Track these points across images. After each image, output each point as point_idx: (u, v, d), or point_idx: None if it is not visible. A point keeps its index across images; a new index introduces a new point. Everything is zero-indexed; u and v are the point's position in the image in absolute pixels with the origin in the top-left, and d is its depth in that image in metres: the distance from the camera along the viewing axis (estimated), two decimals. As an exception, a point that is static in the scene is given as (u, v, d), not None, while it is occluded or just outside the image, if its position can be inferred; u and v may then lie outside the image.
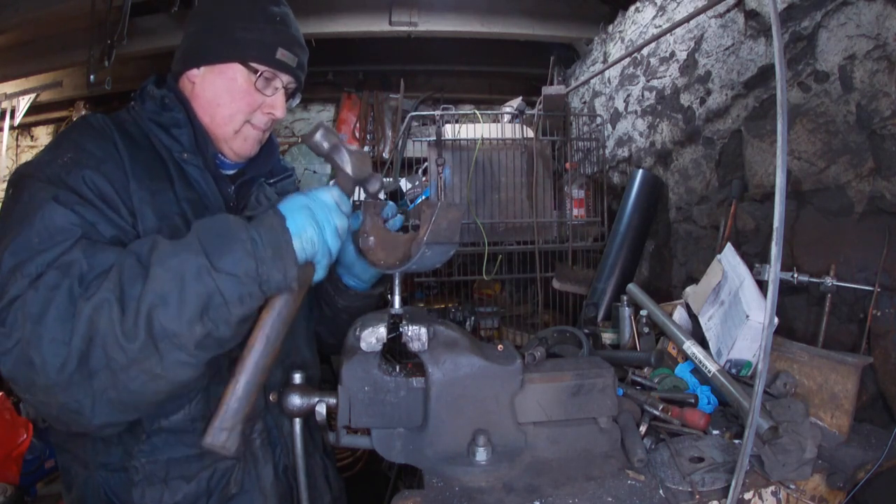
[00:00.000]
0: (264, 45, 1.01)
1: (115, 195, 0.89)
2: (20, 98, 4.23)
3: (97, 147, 0.92)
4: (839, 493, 1.11)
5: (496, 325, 3.13)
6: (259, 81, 1.02)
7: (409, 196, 3.18)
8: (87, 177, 0.87)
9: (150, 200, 0.93)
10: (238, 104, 1.03)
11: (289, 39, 1.04)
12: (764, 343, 1.03)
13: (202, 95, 1.03)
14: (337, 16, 3.28)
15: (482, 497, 0.99)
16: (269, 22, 1.02)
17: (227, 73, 1.01)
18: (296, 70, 1.06)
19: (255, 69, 1.01)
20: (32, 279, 0.75)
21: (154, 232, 0.90)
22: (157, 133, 1.01)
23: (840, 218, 1.50)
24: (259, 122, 1.06)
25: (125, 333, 0.73)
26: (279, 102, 1.05)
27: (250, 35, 1.00)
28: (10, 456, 2.81)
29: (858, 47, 1.42)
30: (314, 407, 1.02)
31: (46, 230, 0.80)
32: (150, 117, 1.01)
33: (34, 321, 0.73)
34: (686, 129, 2.29)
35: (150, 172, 0.96)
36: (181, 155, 1.00)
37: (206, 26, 1.03)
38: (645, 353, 1.57)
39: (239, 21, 1.00)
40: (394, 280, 1.09)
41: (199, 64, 1.02)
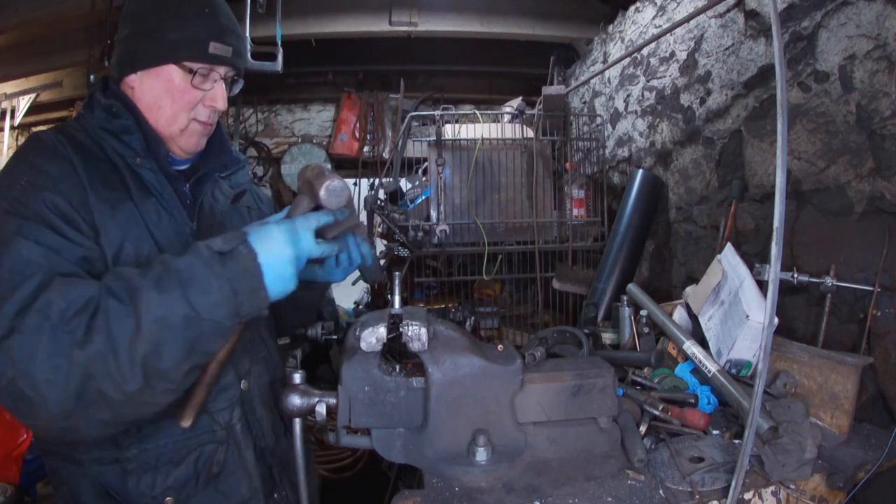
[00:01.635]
0: (196, 42, 1.00)
1: (75, 213, 0.91)
2: (20, 98, 4.23)
3: (53, 166, 0.93)
4: (839, 493, 1.12)
5: (496, 325, 3.13)
6: (196, 79, 1.02)
7: (409, 196, 3.18)
8: (46, 199, 0.89)
9: (110, 213, 0.95)
10: (179, 104, 1.03)
11: (220, 30, 1.02)
12: (764, 343, 1.03)
13: (143, 99, 1.03)
14: (337, 16, 3.28)
15: (482, 497, 0.99)
16: (197, 17, 1.01)
17: (163, 75, 1.01)
18: (232, 59, 1.05)
19: (188, 68, 1.01)
20: (12, 319, 0.78)
21: (118, 244, 0.94)
22: (108, 141, 1.01)
23: (840, 218, 1.50)
24: (202, 116, 1.06)
25: (123, 379, 0.78)
26: (220, 94, 1.06)
27: (180, 34, 1.00)
28: (10, 456, 2.81)
29: (858, 47, 1.42)
30: (314, 407, 1.02)
31: (16, 265, 0.82)
32: (101, 125, 1.01)
33: (24, 363, 0.77)
34: (686, 129, 2.29)
35: (108, 184, 0.97)
36: (134, 160, 1.01)
37: (137, 30, 1.03)
38: (645, 353, 1.57)
39: (167, 21, 1.00)
40: (394, 280, 1.09)
41: (134, 69, 1.03)
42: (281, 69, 2.09)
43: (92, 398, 0.79)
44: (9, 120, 4.37)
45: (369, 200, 2.81)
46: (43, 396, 0.77)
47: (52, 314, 0.78)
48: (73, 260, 0.88)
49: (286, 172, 4.46)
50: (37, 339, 0.77)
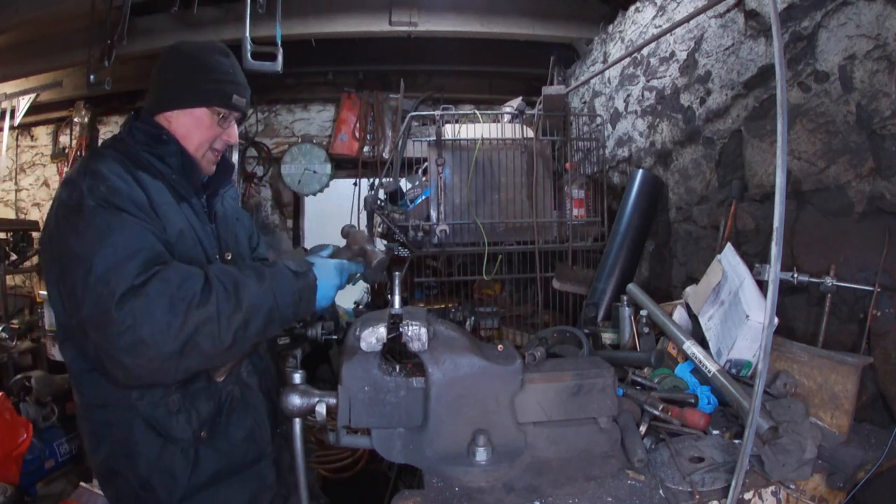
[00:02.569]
0: (224, 94, 1.35)
1: (150, 209, 1.18)
2: (20, 98, 4.23)
3: (120, 178, 1.18)
4: (839, 493, 1.12)
5: (496, 325, 3.13)
6: (220, 120, 1.37)
7: (409, 196, 3.18)
8: (133, 196, 1.16)
9: (166, 214, 1.23)
10: (205, 137, 1.36)
11: (239, 87, 1.38)
12: (764, 343, 1.03)
13: (177, 130, 1.34)
14: (337, 16, 3.28)
15: (482, 497, 0.99)
16: (225, 75, 1.36)
17: (196, 115, 1.34)
18: (244, 108, 1.41)
19: (216, 111, 1.35)
20: (133, 279, 1.03)
21: (175, 237, 1.22)
22: (152, 160, 1.30)
23: (840, 218, 1.50)
24: (218, 146, 1.40)
25: (220, 340, 1.07)
26: (233, 133, 1.42)
27: (212, 86, 1.34)
28: (10, 456, 2.81)
29: (858, 47, 1.42)
30: (314, 407, 1.03)
31: (127, 242, 1.08)
32: (145, 149, 1.30)
33: (146, 317, 1.01)
34: (686, 129, 2.29)
35: (160, 193, 1.25)
36: (171, 176, 1.31)
37: (176, 77, 1.35)
38: (645, 353, 1.57)
39: (202, 74, 1.34)
40: (394, 280, 1.10)
41: (174, 108, 1.34)
42: (281, 69, 2.09)
43: (191, 349, 1.04)
44: (9, 120, 4.37)
45: (369, 200, 2.81)
46: (157, 342, 1.01)
47: (172, 283, 1.05)
48: (163, 243, 1.15)
49: (286, 172, 4.47)
50: (158, 300, 1.02)
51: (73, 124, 4.44)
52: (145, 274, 1.05)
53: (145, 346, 1.02)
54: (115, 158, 1.23)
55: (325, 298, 1.24)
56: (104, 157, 1.23)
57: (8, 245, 4.51)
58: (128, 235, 1.09)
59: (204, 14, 3.08)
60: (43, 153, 5.17)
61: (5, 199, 5.33)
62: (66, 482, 3.29)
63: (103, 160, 1.22)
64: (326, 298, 1.24)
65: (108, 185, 1.15)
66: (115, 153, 1.25)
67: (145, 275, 1.05)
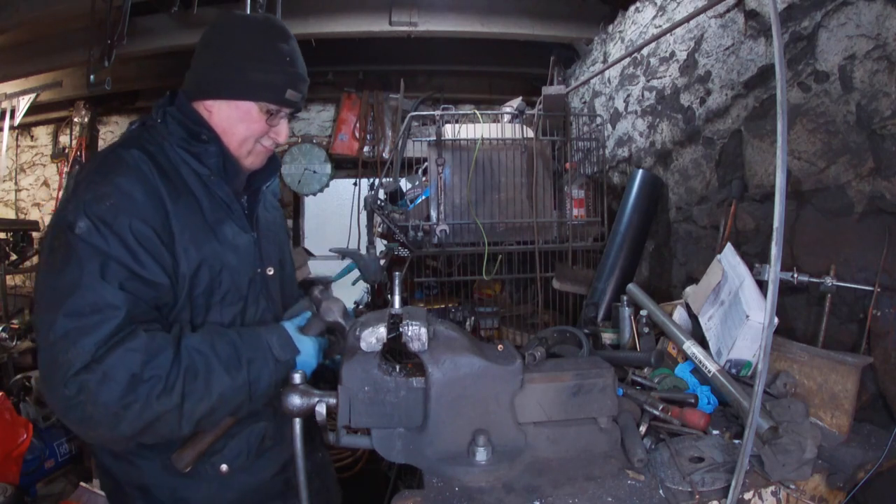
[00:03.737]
0: (276, 87, 1.14)
1: (157, 241, 1.02)
2: (20, 98, 4.22)
3: (137, 190, 1.03)
4: (839, 493, 1.12)
5: (496, 325, 3.13)
6: (268, 116, 1.18)
7: (409, 196, 3.18)
8: (133, 225, 0.99)
9: (189, 234, 1.08)
10: (250, 131, 1.17)
11: (296, 79, 1.16)
12: (764, 343, 1.03)
13: (218, 123, 1.16)
14: (337, 16, 3.27)
15: (482, 497, 0.99)
16: (279, 63, 1.14)
17: (242, 108, 1.15)
18: (299, 104, 1.21)
19: (266, 108, 1.16)
20: (92, 354, 0.92)
21: (196, 264, 1.08)
22: (186, 158, 1.13)
23: (840, 218, 1.50)
24: (267, 144, 1.22)
25: (180, 428, 1.00)
26: (283, 130, 1.22)
27: (263, 76, 1.13)
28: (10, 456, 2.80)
29: (858, 47, 1.42)
30: (314, 407, 1.02)
31: (98, 304, 0.94)
32: (181, 145, 1.13)
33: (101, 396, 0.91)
34: (686, 129, 2.29)
35: (187, 205, 1.09)
36: (209, 177, 1.14)
37: (221, 59, 1.13)
38: (645, 353, 1.57)
39: (252, 61, 1.12)
40: (394, 280, 1.10)
41: (216, 97, 1.15)
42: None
43: (147, 433, 0.97)
44: (9, 120, 4.37)
45: (369, 200, 2.81)
46: (111, 425, 0.93)
47: (136, 359, 0.94)
48: (148, 302, 1.01)
49: (286, 172, 4.46)
50: (117, 378, 0.92)
51: (73, 124, 4.44)
52: (108, 343, 0.93)
53: (95, 423, 0.93)
54: (136, 162, 1.05)
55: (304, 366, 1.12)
56: (122, 159, 1.05)
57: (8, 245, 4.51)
58: (100, 296, 0.94)
59: (204, 14, 3.07)
60: (43, 153, 5.17)
61: (5, 199, 5.33)
62: (66, 482, 3.29)
63: (120, 163, 1.05)
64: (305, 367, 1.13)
65: (111, 202, 0.99)
66: (139, 153, 1.07)
67: (108, 344, 0.93)
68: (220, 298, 1.13)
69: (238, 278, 1.16)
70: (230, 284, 1.14)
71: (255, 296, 1.20)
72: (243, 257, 1.17)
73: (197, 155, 1.13)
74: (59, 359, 0.91)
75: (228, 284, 1.13)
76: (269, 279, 1.24)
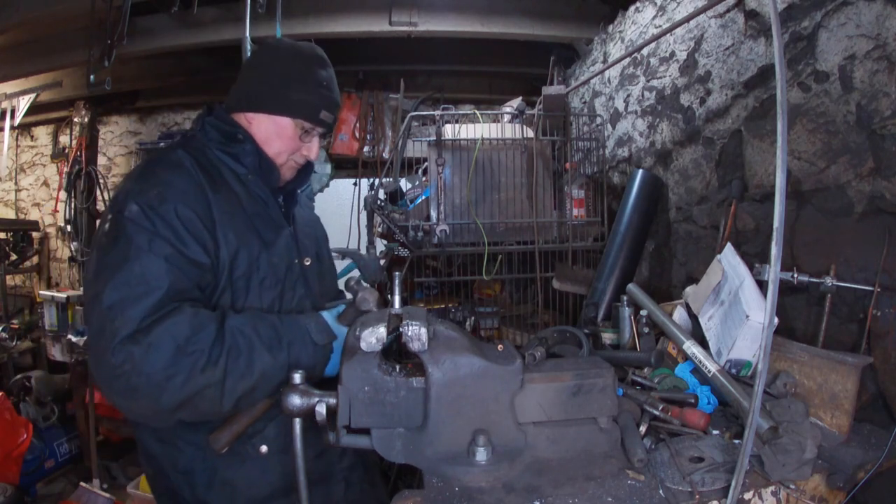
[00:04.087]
0: (312, 107, 1.27)
1: (200, 224, 1.11)
2: (20, 98, 4.23)
3: (180, 180, 1.13)
4: (839, 493, 1.11)
5: (496, 325, 3.13)
6: (302, 133, 1.29)
7: (409, 196, 3.18)
8: (178, 209, 1.08)
9: (229, 222, 1.16)
10: (284, 146, 1.28)
11: (331, 103, 1.30)
12: (764, 343, 1.03)
13: (257, 134, 1.27)
14: (337, 16, 3.27)
15: (482, 497, 0.99)
16: (317, 87, 1.27)
17: (280, 123, 1.27)
18: (331, 124, 1.33)
19: (301, 124, 1.28)
20: (137, 323, 0.97)
21: (235, 248, 1.15)
22: (225, 160, 1.24)
23: (840, 218, 1.50)
24: (297, 160, 1.33)
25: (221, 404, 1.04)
26: (315, 148, 1.33)
27: (302, 97, 1.26)
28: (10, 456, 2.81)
29: (858, 47, 1.42)
30: (314, 407, 1.02)
31: (145, 276, 1.01)
32: (219, 147, 1.24)
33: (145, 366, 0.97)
34: (686, 129, 2.29)
35: (226, 197, 1.19)
36: (247, 176, 1.25)
37: (265, 78, 1.26)
38: (645, 353, 1.57)
39: (294, 82, 1.25)
40: (394, 280, 1.09)
41: (257, 110, 1.26)
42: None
43: (188, 407, 1.02)
44: (9, 120, 4.37)
45: (369, 200, 2.81)
46: (154, 396, 0.98)
47: (180, 333, 0.99)
48: (191, 279, 1.08)
49: (286, 172, 4.46)
50: (162, 349, 0.97)
51: (73, 124, 4.45)
52: (154, 315, 0.99)
53: (139, 394, 0.98)
54: (179, 160, 1.16)
55: (334, 367, 1.17)
56: (168, 158, 1.17)
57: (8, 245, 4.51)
58: (147, 267, 1.01)
59: (204, 14, 3.08)
60: (43, 153, 5.17)
61: (5, 199, 5.33)
62: (66, 482, 3.29)
63: (166, 161, 1.16)
64: (333, 369, 1.17)
65: (157, 191, 1.08)
66: (183, 153, 1.19)
67: (153, 316, 0.99)
68: (258, 282, 1.20)
69: (276, 265, 1.23)
70: (268, 270, 1.21)
71: (293, 283, 1.28)
72: (280, 247, 1.26)
73: (234, 155, 1.24)
74: (107, 328, 0.97)
75: (266, 270, 1.21)
76: (307, 269, 1.33)
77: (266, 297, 1.21)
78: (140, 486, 2.63)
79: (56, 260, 5.09)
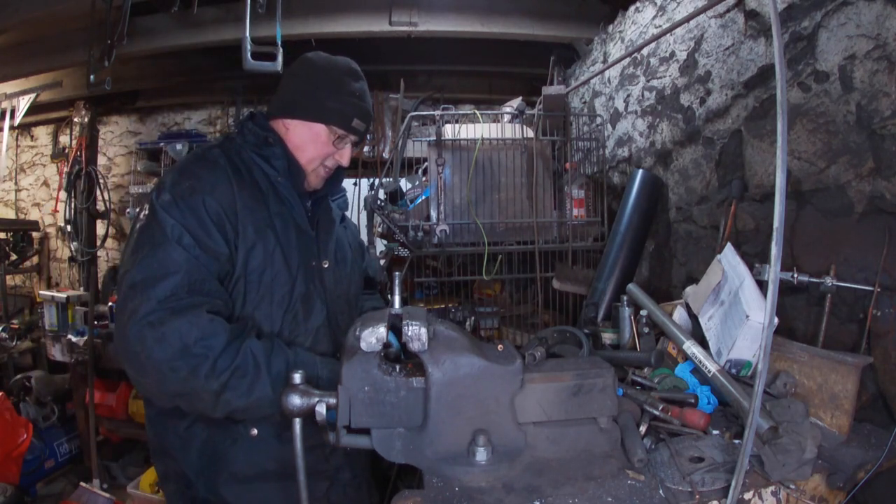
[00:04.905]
0: (345, 116, 1.36)
1: (223, 215, 1.21)
2: (20, 98, 4.23)
3: (211, 175, 1.25)
4: (839, 493, 1.11)
5: (496, 325, 3.13)
6: (335, 140, 1.38)
7: (409, 196, 3.18)
8: (205, 201, 1.19)
9: (250, 217, 1.26)
10: (318, 152, 1.38)
11: (363, 112, 1.39)
12: (764, 343, 1.03)
13: (292, 140, 1.37)
14: (337, 16, 3.28)
15: (482, 497, 0.99)
16: (351, 97, 1.37)
17: (314, 129, 1.36)
18: (363, 133, 1.42)
19: (334, 131, 1.37)
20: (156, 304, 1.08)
21: (252, 242, 1.24)
22: (258, 161, 1.33)
23: (840, 218, 1.50)
24: (329, 164, 1.42)
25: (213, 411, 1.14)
26: (346, 154, 1.42)
27: (336, 105, 1.35)
28: (10, 456, 2.81)
29: (858, 47, 1.42)
30: (314, 407, 1.02)
31: (164, 262, 1.13)
32: (253, 150, 1.34)
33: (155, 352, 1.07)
34: (686, 129, 2.29)
35: (251, 195, 1.28)
36: (276, 178, 1.33)
37: (304, 88, 1.36)
38: (645, 353, 1.57)
39: (329, 93, 1.35)
40: (394, 280, 1.09)
41: (294, 117, 1.36)
42: (281, 69, 2.09)
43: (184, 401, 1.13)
44: (9, 120, 4.37)
45: (369, 200, 2.81)
46: (158, 380, 1.09)
47: (192, 332, 1.08)
48: (208, 268, 1.17)
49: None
50: (171, 342, 1.06)
51: (73, 124, 4.45)
52: (172, 301, 1.09)
53: (146, 373, 1.09)
54: (215, 158, 1.28)
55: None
56: (204, 156, 1.29)
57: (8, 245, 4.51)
58: (168, 253, 1.13)
59: (204, 14, 3.08)
60: (43, 153, 5.18)
61: (5, 199, 5.33)
62: (66, 482, 3.29)
63: (202, 158, 1.28)
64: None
65: (190, 183, 1.20)
66: (219, 152, 1.30)
67: (171, 302, 1.09)
68: (271, 278, 1.27)
69: (290, 263, 1.31)
70: (282, 266, 1.29)
71: (306, 282, 1.34)
72: (298, 247, 1.33)
73: (266, 158, 1.33)
74: (128, 305, 1.09)
75: (280, 266, 1.28)
76: (325, 271, 1.41)
77: (277, 292, 1.29)
78: (140, 486, 2.63)
79: (56, 260, 5.09)
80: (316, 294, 1.37)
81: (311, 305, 1.35)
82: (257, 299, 1.27)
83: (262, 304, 1.28)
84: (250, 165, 1.33)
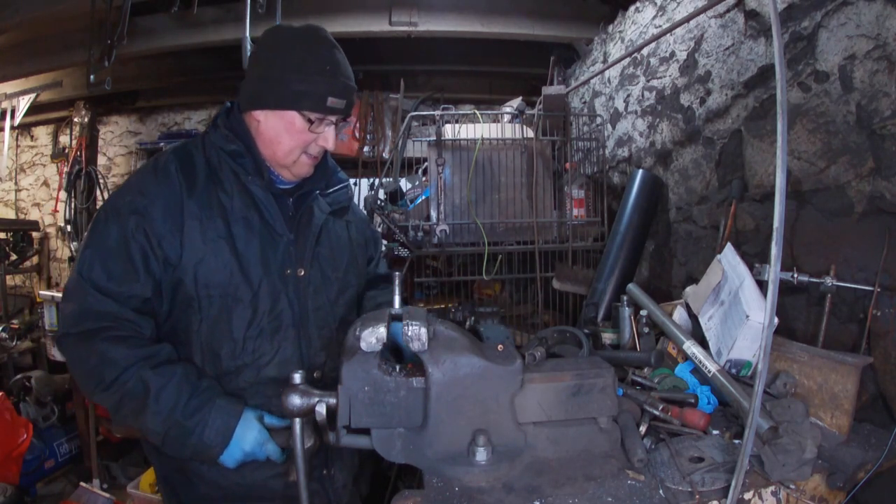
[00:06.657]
0: (317, 96, 1.18)
1: (156, 238, 1.15)
2: (20, 98, 4.23)
3: (157, 188, 1.17)
4: (839, 493, 1.11)
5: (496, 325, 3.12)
6: (312, 125, 1.21)
7: (409, 196, 3.18)
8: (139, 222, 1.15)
9: (199, 229, 1.17)
10: (296, 142, 1.22)
11: (338, 87, 1.19)
12: (764, 343, 1.03)
13: (265, 133, 1.22)
14: (337, 16, 3.28)
15: (482, 497, 0.99)
16: (320, 73, 1.17)
17: (286, 118, 1.20)
18: (344, 110, 1.23)
19: (309, 115, 1.20)
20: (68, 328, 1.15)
21: (200, 256, 1.17)
22: (226, 160, 1.22)
23: (840, 218, 1.50)
24: (313, 151, 1.26)
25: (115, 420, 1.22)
26: (330, 136, 1.25)
27: (304, 87, 1.17)
28: (10, 456, 2.81)
29: (858, 47, 1.42)
30: (314, 407, 1.02)
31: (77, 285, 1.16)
32: (220, 146, 1.23)
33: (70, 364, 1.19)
34: (686, 129, 2.29)
35: (207, 202, 1.19)
36: (246, 177, 1.22)
37: (265, 73, 1.19)
38: (645, 353, 1.57)
39: (293, 73, 1.16)
40: (394, 280, 1.09)
41: (261, 107, 1.21)
42: (281, 69, 2.09)
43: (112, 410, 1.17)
44: (9, 120, 4.38)
45: (369, 200, 2.81)
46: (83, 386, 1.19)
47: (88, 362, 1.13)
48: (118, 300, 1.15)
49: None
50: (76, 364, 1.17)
51: (73, 124, 4.45)
52: (80, 326, 1.13)
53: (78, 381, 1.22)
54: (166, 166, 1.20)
55: (229, 461, 1.15)
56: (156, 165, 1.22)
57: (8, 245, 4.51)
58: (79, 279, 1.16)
59: (204, 14, 3.08)
60: (43, 153, 5.17)
61: (5, 199, 5.33)
62: (66, 482, 3.29)
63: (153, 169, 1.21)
64: (233, 463, 1.15)
65: (130, 198, 1.17)
66: (173, 157, 1.22)
67: (79, 327, 1.13)
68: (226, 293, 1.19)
69: (249, 275, 1.20)
70: (240, 278, 1.19)
71: (275, 292, 1.23)
72: (267, 256, 1.22)
73: (232, 155, 1.22)
74: (62, 311, 1.17)
75: (238, 278, 1.19)
76: (299, 279, 1.26)
77: (237, 308, 1.19)
78: (140, 486, 2.63)
79: (56, 260, 5.09)
80: (287, 307, 1.24)
81: (279, 321, 1.23)
82: (213, 316, 1.18)
83: (220, 322, 1.18)
84: (217, 163, 1.22)
